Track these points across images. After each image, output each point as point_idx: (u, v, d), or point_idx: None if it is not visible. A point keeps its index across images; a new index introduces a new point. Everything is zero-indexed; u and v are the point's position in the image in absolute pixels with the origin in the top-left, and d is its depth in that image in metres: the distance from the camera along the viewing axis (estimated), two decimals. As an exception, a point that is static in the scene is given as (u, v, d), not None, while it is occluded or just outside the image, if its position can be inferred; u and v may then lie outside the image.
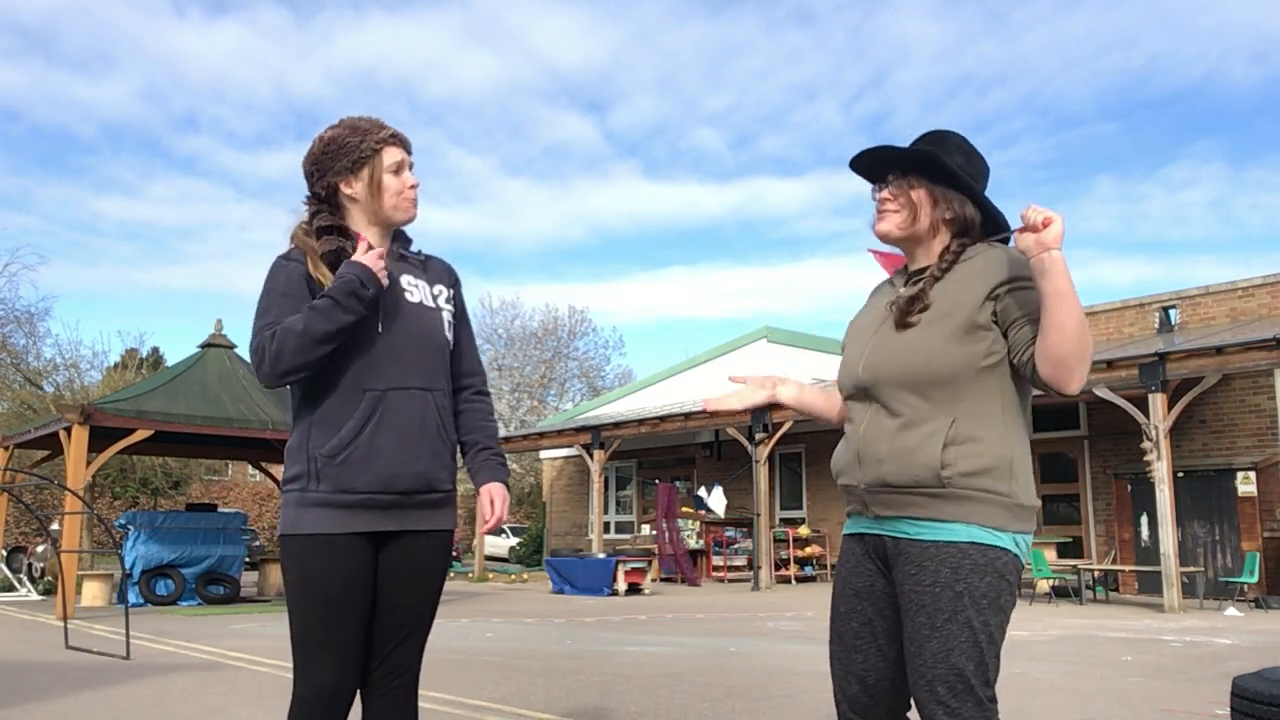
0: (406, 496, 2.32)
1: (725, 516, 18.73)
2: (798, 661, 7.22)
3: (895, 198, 2.23)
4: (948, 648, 1.99)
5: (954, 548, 2.02)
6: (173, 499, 30.52)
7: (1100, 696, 5.59)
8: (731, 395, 2.49)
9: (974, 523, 2.03)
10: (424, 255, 2.57)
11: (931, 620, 2.01)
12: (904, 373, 2.11)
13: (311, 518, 2.26)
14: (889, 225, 2.25)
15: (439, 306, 2.48)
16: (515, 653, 7.86)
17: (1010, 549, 2.05)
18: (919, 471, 2.06)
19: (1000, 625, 2.05)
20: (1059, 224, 1.95)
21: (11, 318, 27.91)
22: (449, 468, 2.43)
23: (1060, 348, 1.94)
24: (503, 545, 29.76)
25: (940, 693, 1.98)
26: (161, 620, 11.10)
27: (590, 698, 5.53)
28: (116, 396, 13.92)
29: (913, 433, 2.08)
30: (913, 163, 2.23)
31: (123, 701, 5.49)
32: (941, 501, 2.05)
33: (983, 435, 2.07)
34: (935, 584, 2.01)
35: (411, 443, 2.31)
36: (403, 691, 2.37)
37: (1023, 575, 11.65)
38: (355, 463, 2.26)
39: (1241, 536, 13.82)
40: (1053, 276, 1.95)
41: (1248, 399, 14.94)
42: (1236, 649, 8.15)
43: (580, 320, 41.18)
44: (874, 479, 2.13)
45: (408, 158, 2.47)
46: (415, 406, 2.33)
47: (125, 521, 14.18)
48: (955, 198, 2.21)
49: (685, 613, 12.23)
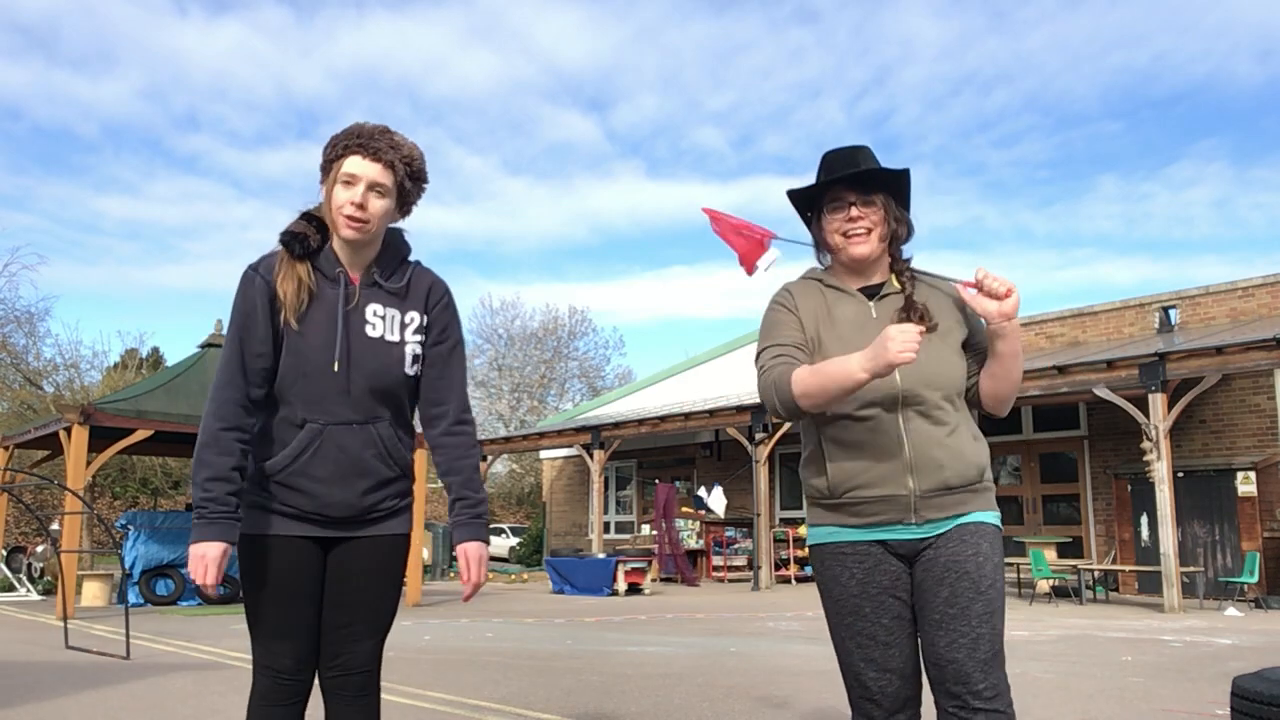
0: (343, 521, 2.32)
1: (725, 516, 18.73)
2: (798, 661, 7.22)
3: (865, 216, 2.30)
4: (990, 610, 2.16)
5: (986, 526, 2.24)
6: (173, 499, 30.50)
7: (1100, 696, 5.59)
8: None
9: (989, 509, 2.28)
10: (410, 276, 2.39)
11: (976, 585, 2.17)
12: (943, 381, 2.26)
13: (252, 519, 2.29)
14: (870, 247, 2.32)
15: (404, 339, 2.34)
16: (515, 653, 7.86)
17: (1001, 528, 2.35)
18: (972, 472, 2.25)
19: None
20: (1017, 295, 2.20)
21: (11, 318, 27.90)
22: (395, 488, 2.38)
23: (1008, 394, 2.31)
24: (503, 545, 29.78)
25: (983, 650, 2.13)
26: (161, 620, 11.10)
27: (590, 698, 5.53)
28: (116, 396, 13.92)
29: (957, 437, 2.25)
30: (887, 182, 2.32)
31: (123, 701, 5.49)
32: (979, 495, 2.27)
33: (979, 433, 2.34)
34: (978, 554, 2.20)
35: (349, 476, 2.29)
36: (356, 690, 2.32)
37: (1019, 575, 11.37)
38: (291, 485, 2.28)
39: (1241, 536, 13.81)
40: (1011, 340, 2.23)
41: (1248, 399, 14.95)
42: (1236, 649, 8.15)
43: (580, 320, 41.22)
44: (935, 485, 2.22)
45: (369, 173, 2.24)
46: (354, 441, 2.29)
47: (125, 521, 14.18)
48: (900, 215, 2.35)
49: (685, 613, 12.23)
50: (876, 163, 2.32)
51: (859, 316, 2.31)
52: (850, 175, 2.29)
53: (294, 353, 2.27)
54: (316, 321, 2.27)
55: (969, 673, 2.09)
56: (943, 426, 2.22)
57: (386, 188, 2.27)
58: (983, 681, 2.09)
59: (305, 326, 2.27)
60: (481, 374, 39.18)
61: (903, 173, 2.31)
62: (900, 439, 2.21)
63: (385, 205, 2.28)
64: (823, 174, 2.35)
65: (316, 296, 2.29)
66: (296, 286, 2.26)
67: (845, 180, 2.31)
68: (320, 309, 2.28)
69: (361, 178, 2.24)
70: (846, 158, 2.32)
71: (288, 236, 2.29)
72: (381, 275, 2.35)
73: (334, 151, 2.27)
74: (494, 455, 24.00)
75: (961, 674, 2.10)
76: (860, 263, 2.32)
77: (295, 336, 2.27)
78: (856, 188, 2.29)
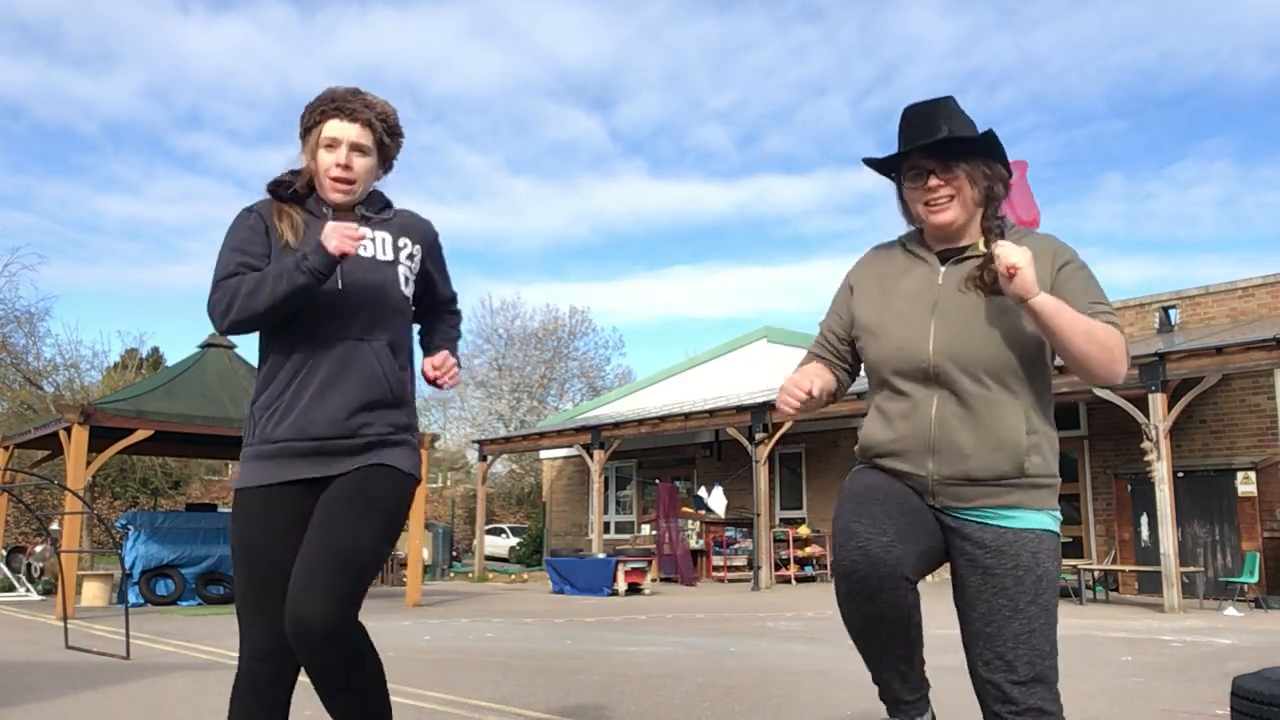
0: (324, 443, 2.22)
1: (725, 516, 18.73)
2: (798, 661, 7.22)
3: (947, 183, 2.14)
4: (1030, 629, 2.01)
5: (1030, 534, 2.07)
6: (173, 499, 30.51)
7: (1100, 696, 5.59)
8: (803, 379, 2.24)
9: (1043, 509, 2.07)
10: (395, 213, 2.45)
11: (1014, 602, 2.02)
12: (987, 356, 2.05)
13: (245, 472, 2.27)
14: (951, 215, 2.15)
15: (396, 260, 2.37)
16: (515, 653, 7.86)
17: (1059, 533, 2.13)
18: (1006, 465, 2.04)
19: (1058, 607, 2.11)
20: (1020, 276, 1.95)
21: (11, 318, 27.87)
22: (387, 415, 2.29)
23: (1086, 371, 2.00)
24: (503, 545, 29.80)
25: (1021, 673, 2.00)
26: (161, 620, 11.10)
27: (590, 698, 5.53)
28: (116, 396, 13.92)
29: (996, 423, 2.05)
30: (970, 146, 2.14)
31: (122, 702, 5.49)
32: (1018, 491, 2.06)
33: (1046, 421, 2.11)
34: (1017, 567, 2.03)
35: (332, 390, 2.23)
36: (320, 654, 2.07)
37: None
38: (277, 413, 2.24)
39: (1241, 536, 13.81)
40: (1042, 320, 1.97)
41: (1248, 399, 14.95)
42: (1236, 649, 8.15)
43: (580, 320, 41.20)
44: (955, 473, 2.07)
45: (349, 134, 2.29)
46: (347, 355, 2.25)
47: (125, 522, 14.18)
48: (991, 172, 2.16)
49: (685, 613, 12.23)
50: (958, 122, 2.13)
51: (924, 283, 2.18)
52: (926, 145, 2.13)
53: None
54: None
55: (1009, 692, 2.01)
56: (974, 408, 2.05)
57: (367, 146, 2.32)
58: (1025, 702, 2.00)
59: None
60: (481, 374, 39.18)
61: (986, 136, 2.12)
62: (929, 418, 2.09)
63: (368, 163, 2.34)
64: (901, 138, 2.18)
65: (309, 228, 2.33)
66: (291, 220, 2.33)
67: (922, 149, 2.16)
68: (313, 237, 2.31)
69: (343, 140, 2.29)
70: (925, 119, 2.14)
71: (273, 184, 2.36)
72: (368, 211, 2.41)
73: (311, 118, 2.32)
74: (494, 455, 23.99)
75: (1001, 694, 2.02)
76: (945, 229, 2.17)
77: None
78: (935, 154, 2.13)
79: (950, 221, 2.15)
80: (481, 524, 22.95)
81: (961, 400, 2.06)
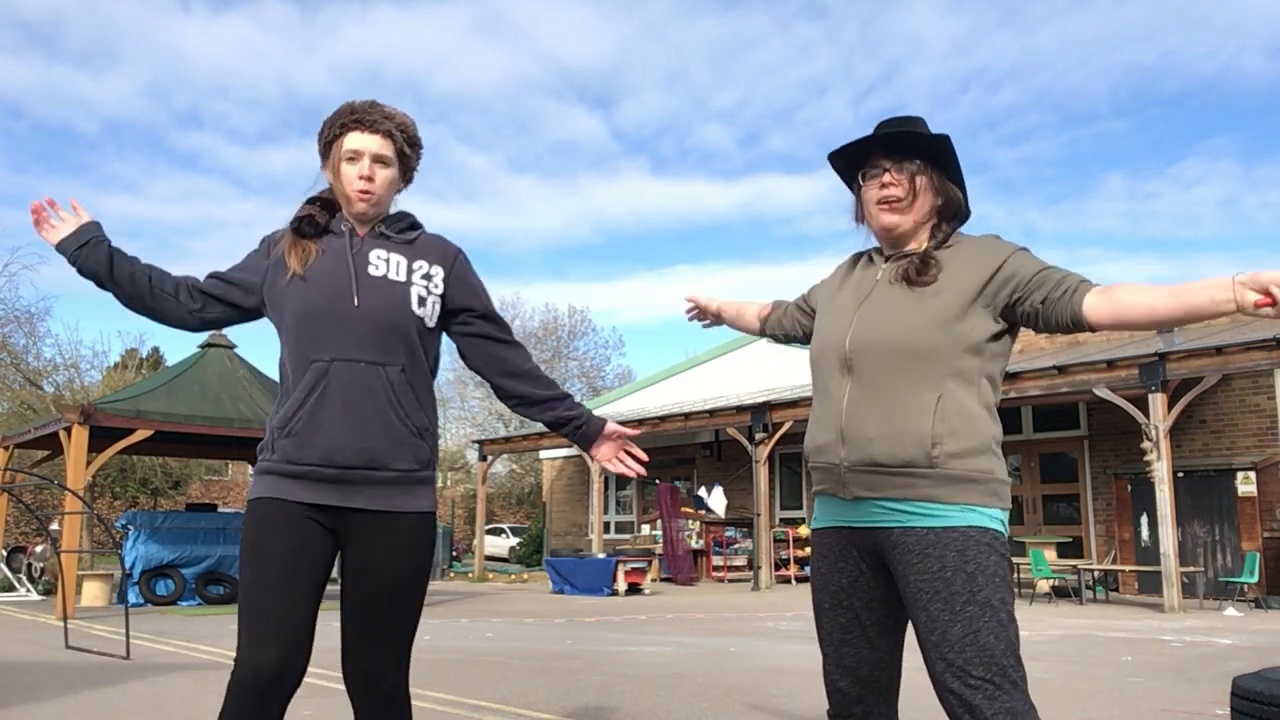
0: (350, 472, 2.21)
1: (725, 516, 18.73)
2: (798, 661, 7.22)
3: (899, 184, 2.13)
4: (973, 629, 1.94)
5: (955, 532, 1.97)
6: (173, 499, 30.52)
7: (1100, 696, 5.59)
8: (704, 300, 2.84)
9: (969, 504, 1.99)
10: (417, 235, 2.43)
11: (950, 605, 1.95)
12: (894, 344, 2.04)
13: (262, 484, 2.26)
14: (897, 218, 2.15)
15: (410, 281, 2.34)
16: (515, 653, 7.86)
17: (1001, 530, 2.04)
18: (910, 452, 1.99)
19: (1013, 603, 2.01)
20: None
21: (11, 318, 27.85)
22: (409, 447, 2.28)
23: (1140, 321, 1.95)
24: (503, 545, 29.78)
25: (975, 675, 1.92)
26: (161, 620, 11.10)
27: (590, 698, 5.53)
28: (116, 396, 13.91)
29: (900, 408, 2.02)
30: (927, 148, 2.14)
31: (123, 702, 5.49)
32: (932, 483, 2.00)
33: (969, 413, 2.03)
34: (944, 569, 1.96)
35: (356, 416, 2.21)
36: (385, 699, 2.26)
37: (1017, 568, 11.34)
38: (299, 434, 2.22)
39: (1241, 536, 13.81)
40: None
41: (1248, 399, 14.95)
42: (1236, 649, 8.15)
43: (580, 320, 41.21)
44: (861, 459, 2.05)
45: (370, 145, 2.31)
46: (362, 379, 2.23)
47: (125, 522, 14.18)
48: (950, 184, 2.17)
49: (685, 613, 12.23)
50: (925, 131, 2.14)
51: (866, 281, 2.20)
52: (881, 137, 2.14)
53: (301, 297, 2.29)
54: (323, 265, 2.32)
55: (968, 696, 1.93)
56: (882, 395, 2.04)
57: (389, 157, 2.35)
58: (988, 710, 1.91)
59: (312, 272, 2.31)
60: (481, 374, 39.14)
61: (940, 138, 2.12)
62: (840, 406, 2.10)
63: (390, 174, 2.36)
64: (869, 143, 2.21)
65: (324, 254, 2.34)
66: (302, 250, 2.34)
67: (879, 144, 2.15)
68: (327, 257, 2.33)
69: (364, 151, 2.32)
70: (894, 125, 2.16)
71: (297, 222, 2.37)
72: (389, 230, 2.41)
73: (331, 132, 2.34)
74: (494, 455, 23.98)
75: (963, 703, 1.94)
76: (889, 232, 2.17)
77: (301, 284, 2.30)
78: (892, 153, 2.13)
79: (895, 225, 2.15)
80: (481, 524, 22.95)
81: (871, 387, 2.06)
